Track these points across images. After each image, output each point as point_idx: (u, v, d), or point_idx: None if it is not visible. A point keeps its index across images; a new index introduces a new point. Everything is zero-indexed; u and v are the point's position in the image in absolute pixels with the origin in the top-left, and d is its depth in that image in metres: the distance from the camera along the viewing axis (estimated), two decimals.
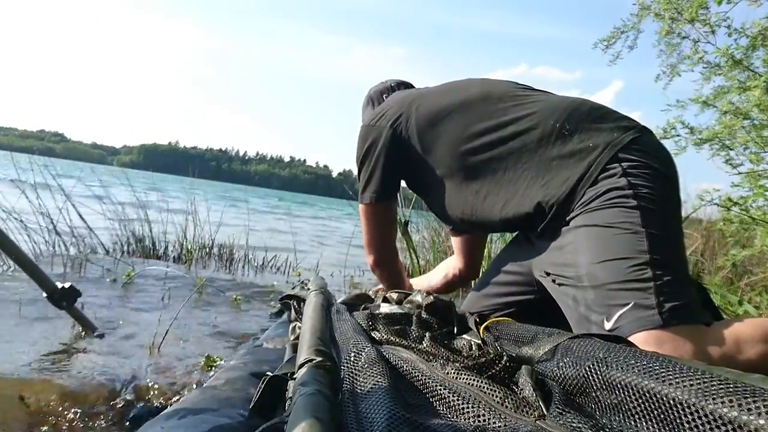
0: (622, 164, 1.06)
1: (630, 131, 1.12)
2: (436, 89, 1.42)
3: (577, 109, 1.18)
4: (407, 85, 1.70)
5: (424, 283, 1.80)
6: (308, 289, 1.40)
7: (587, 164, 1.09)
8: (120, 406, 0.93)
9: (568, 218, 1.11)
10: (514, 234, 1.44)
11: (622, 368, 0.57)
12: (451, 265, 1.79)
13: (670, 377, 0.51)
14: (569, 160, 1.12)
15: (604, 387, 0.58)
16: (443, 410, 0.65)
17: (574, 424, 0.55)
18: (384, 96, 1.66)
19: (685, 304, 0.93)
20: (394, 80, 1.72)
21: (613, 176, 1.06)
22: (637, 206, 1.01)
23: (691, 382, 0.49)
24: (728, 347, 0.88)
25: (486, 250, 3.20)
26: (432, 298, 1.18)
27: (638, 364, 0.56)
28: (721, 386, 0.46)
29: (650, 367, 0.55)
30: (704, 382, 0.48)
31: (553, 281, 1.13)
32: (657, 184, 1.06)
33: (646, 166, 1.07)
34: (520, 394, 0.69)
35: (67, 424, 0.84)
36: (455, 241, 1.74)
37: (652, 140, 1.15)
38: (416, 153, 1.37)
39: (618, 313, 0.93)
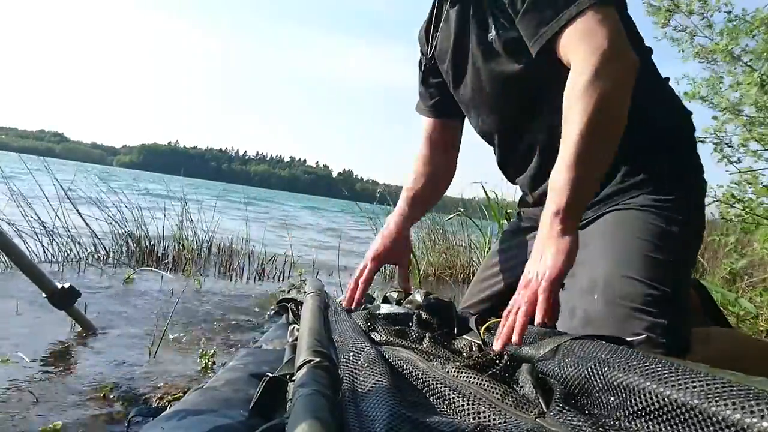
0: (692, 179, 1.04)
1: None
2: None
3: None
4: None
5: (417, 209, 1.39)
6: (305, 291, 1.40)
7: (671, 164, 1.04)
8: (120, 406, 0.93)
9: (612, 206, 1.06)
10: (514, 225, 1.38)
11: (624, 369, 0.57)
12: (438, 165, 1.40)
13: (673, 379, 0.51)
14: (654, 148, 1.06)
15: (606, 388, 0.58)
16: (443, 408, 0.65)
17: (575, 422, 0.55)
18: None
19: (686, 342, 0.93)
20: None
21: (681, 190, 1.02)
22: (680, 233, 0.99)
23: (695, 384, 0.48)
24: None
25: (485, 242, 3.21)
26: (432, 298, 1.18)
27: (640, 365, 0.56)
28: (725, 389, 0.46)
29: (653, 368, 0.55)
30: (707, 385, 0.48)
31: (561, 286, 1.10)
32: (701, 211, 1.06)
33: (701, 187, 1.08)
34: (520, 391, 0.69)
35: (67, 424, 0.83)
36: (435, 127, 1.38)
37: None
38: None
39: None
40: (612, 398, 0.57)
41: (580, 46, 0.89)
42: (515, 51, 1.05)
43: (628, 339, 0.90)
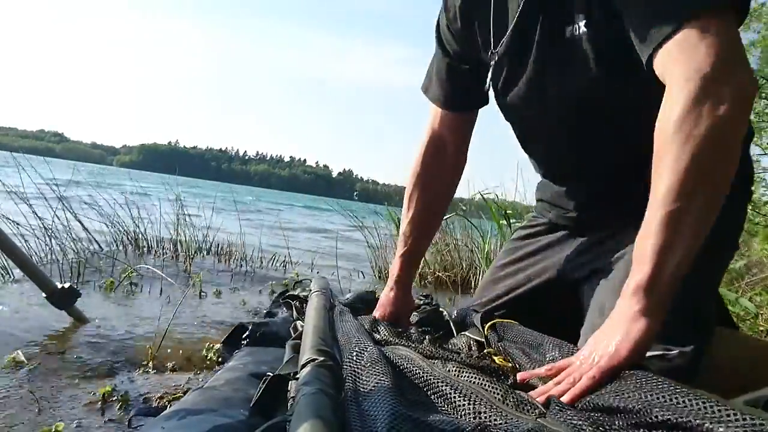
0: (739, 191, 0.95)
1: None
2: None
3: None
4: None
5: (422, 244, 1.23)
6: (309, 289, 1.40)
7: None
8: (120, 406, 0.93)
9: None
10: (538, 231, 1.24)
11: (631, 399, 0.57)
12: (445, 163, 1.18)
13: (677, 400, 0.53)
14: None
15: (611, 412, 0.59)
16: (445, 407, 0.65)
17: (575, 422, 0.55)
18: None
19: (704, 351, 0.90)
20: None
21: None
22: (716, 244, 0.96)
23: (699, 408, 0.50)
24: None
25: (486, 247, 3.21)
26: (419, 312, 1.18)
27: (647, 391, 0.57)
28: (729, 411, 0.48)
29: (660, 395, 0.56)
30: (711, 408, 0.50)
31: (598, 281, 1.00)
32: (742, 224, 1.01)
33: (746, 201, 1.02)
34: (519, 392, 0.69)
35: (67, 426, 0.83)
36: (447, 118, 1.15)
37: None
38: None
39: (656, 353, 0.84)
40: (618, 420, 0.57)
41: (677, 64, 0.68)
42: (609, 56, 0.82)
43: (657, 353, 0.84)
